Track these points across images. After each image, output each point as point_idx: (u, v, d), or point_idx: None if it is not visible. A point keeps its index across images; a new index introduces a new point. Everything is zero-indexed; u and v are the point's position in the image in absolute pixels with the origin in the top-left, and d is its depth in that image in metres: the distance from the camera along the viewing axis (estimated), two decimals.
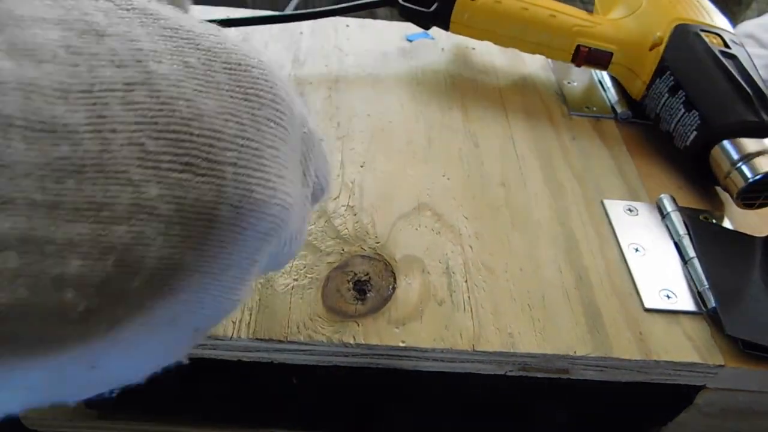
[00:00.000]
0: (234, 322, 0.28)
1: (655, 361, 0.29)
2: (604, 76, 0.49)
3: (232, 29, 0.44)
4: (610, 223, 0.36)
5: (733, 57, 0.41)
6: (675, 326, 0.31)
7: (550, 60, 0.50)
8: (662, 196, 0.38)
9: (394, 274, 0.31)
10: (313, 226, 0.33)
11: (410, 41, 0.51)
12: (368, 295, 0.30)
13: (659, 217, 0.37)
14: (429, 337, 0.29)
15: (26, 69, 0.11)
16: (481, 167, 0.39)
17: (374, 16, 0.56)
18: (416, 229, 0.34)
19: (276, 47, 0.48)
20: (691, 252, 0.34)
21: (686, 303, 0.32)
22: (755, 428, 0.35)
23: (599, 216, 0.37)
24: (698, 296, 0.32)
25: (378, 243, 0.33)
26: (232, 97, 0.15)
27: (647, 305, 0.32)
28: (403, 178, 0.38)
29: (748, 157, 0.37)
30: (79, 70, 0.12)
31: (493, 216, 0.36)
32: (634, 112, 0.46)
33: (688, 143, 0.40)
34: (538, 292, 0.32)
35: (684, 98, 0.40)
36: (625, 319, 0.31)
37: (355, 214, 0.35)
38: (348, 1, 0.46)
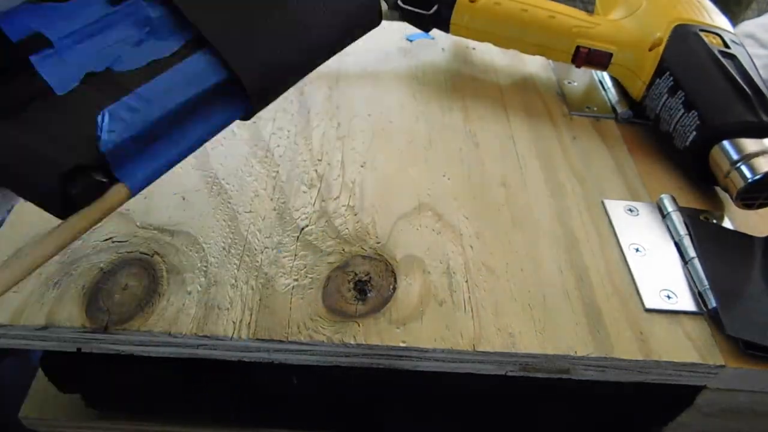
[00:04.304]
0: (234, 323, 0.28)
1: (656, 361, 0.29)
2: (605, 76, 0.49)
3: None
4: (611, 223, 0.36)
5: (732, 57, 0.41)
6: (675, 326, 0.31)
7: (550, 60, 0.50)
8: (663, 196, 0.38)
9: (394, 274, 0.32)
10: (313, 226, 0.33)
11: (410, 41, 0.51)
12: (369, 295, 0.30)
13: (660, 217, 0.37)
14: (429, 338, 0.29)
15: None
16: (482, 167, 0.39)
17: None
18: (417, 229, 0.34)
19: None
20: (691, 252, 0.34)
21: (686, 303, 0.32)
22: (755, 428, 0.35)
23: (599, 216, 0.37)
24: (698, 296, 0.32)
25: (378, 243, 0.33)
26: None
27: (648, 305, 0.32)
28: (403, 178, 0.38)
29: (747, 157, 0.37)
30: None
31: (493, 216, 0.36)
32: (634, 112, 0.46)
33: (687, 143, 0.40)
34: (539, 292, 0.32)
35: (683, 98, 0.41)
36: (626, 320, 0.31)
37: (355, 214, 0.35)
38: None
